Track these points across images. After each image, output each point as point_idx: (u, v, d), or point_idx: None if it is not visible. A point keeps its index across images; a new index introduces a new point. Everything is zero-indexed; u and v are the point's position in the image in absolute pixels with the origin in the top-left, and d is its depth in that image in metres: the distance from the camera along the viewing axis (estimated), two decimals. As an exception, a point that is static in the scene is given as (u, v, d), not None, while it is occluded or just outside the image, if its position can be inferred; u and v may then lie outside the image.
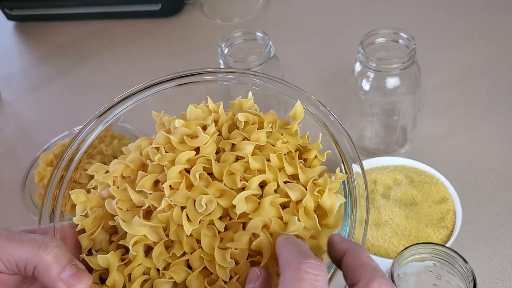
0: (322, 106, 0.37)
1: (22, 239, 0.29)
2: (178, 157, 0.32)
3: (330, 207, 0.32)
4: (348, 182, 0.33)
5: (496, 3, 0.84)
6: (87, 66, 0.88)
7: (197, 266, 0.31)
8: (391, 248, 0.50)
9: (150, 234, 0.31)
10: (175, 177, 0.31)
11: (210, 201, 0.30)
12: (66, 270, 0.29)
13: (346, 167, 0.34)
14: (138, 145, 0.35)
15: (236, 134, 0.34)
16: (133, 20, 0.97)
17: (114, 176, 0.34)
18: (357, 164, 0.34)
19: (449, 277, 0.38)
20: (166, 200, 0.30)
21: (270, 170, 0.32)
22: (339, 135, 0.36)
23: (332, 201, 0.32)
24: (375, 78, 0.56)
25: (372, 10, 0.88)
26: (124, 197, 0.32)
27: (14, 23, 1.03)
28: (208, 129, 0.34)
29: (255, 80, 0.38)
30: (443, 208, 0.53)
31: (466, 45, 0.78)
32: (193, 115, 0.35)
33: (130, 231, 0.30)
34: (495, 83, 0.71)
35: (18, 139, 0.79)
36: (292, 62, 0.80)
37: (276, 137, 0.34)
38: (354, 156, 0.34)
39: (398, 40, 0.55)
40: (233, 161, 0.33)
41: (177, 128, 0.34)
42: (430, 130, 0.66)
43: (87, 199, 0.34)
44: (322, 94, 0.74)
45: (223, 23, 0.93)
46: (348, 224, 0.32)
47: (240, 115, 0.34)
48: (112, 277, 0.31)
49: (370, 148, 0.64)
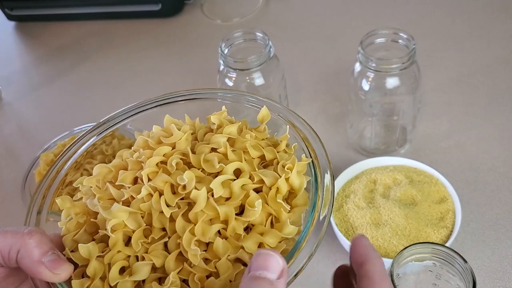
0: (305, 123, 0.39)
1: (6, 229, 0.30)
2: (155, 151, 0.34)
3: (298, 186, 0.34)
4: (314, 163, 0.36)
5: (496, 3, 0.84)
6: (87, 66, 0.89)
7: (174, 249, 0.32)
8: (390, 248, 0.50)
9: (129, 221, 0.32)
10: (153, 166, 0.33)
11: (191, 177, 0.31)
12: (48, 255, 0.29)
13: (309, 147, 0.37)
14: (120, 154, 0.37)
15: (209, 135, 0.36)
16: (133, 20, 0.97)
17: (96, 178, 0.35)
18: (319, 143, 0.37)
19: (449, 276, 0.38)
20: (146, 187, 0.32)
21: (247, 162, 0.34)
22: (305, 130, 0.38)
23: (301, 180, 0.34)
24: (375, 78, 0.56)
25: (372, 10, 0.88)
26: (105, 195, 0.34)
27: (14, 23, 1.03)
28: (183, 128, 0.36)
29: (251, 99, 0.41)
30: (443, 208, 0.53)
31: (466, 45, 0.78)
32: (169, 122, 0.38)
33: (109, 216, 0.31)
34: (495, 83, 0.71)
35: (18, 139, 0.79)
36: (292, 62, 0.80)
37: (246, 133, 0.36)
38: (314, 137, 0.37)
39: (398, 40, 0.55)
40: (208, 153, 0.34)
41: (154, 132, 0.36)
42: (430, 130, 0.66)
43: (72, 205, 0.35)
44: (322, 94, 0.74)
45: (223, 23, 0.93)
46: (316, 196, 0.33)
47: (213, 117, 0.36)
48: (92, 265, 0.31)
49: (370, 148, 0.64)
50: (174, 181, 0.32)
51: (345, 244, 0.51)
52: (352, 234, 0.52)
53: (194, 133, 0.37)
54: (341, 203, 0.55)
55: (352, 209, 0.53)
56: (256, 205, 0.31)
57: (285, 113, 0.39)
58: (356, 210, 0.53)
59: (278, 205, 0.32)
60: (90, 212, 0.34)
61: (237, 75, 0.60)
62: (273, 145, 0.37)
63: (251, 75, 0.60)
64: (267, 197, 0.33)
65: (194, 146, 0.36)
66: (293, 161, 0.34)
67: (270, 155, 0.35)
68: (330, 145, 0.66)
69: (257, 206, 0.31)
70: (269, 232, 0.32)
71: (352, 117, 0.63)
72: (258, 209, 0.31)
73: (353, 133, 0.65)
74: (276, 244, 0.32)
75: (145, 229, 0.32)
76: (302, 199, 0.34)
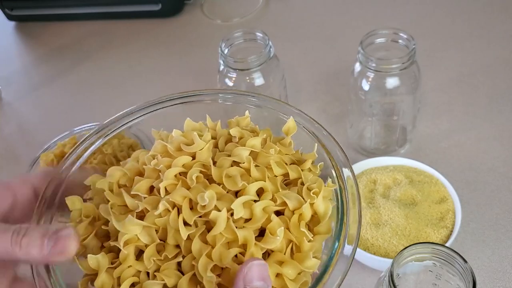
0: (316, 123, 0.37)
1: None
2: (174, 161, 0.32)
3: (323, 213, 0.32)
4: (340, 189, 0.33)
5: (496, 3, 0.84)
6: (87, 66, 0.89)
7: (189, 270, 0.30)
8: (390, 248, 0.50)
9: (143, 235, 0.30)
10: (171, 179, 0.31)
11: (212, 196, 0.30)
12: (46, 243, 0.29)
13: (337, 172, 0.34)
14: (135, 156, 0.35)
15: (231, 146, 0.34)
16: (133, 20, 0.97)
17: (110, 182, 0.33)
18: (348, 168, 0.34)
19: (449, 276, 0.38)
20: (163, 203, 0.30)
21: (270, 180, 0.32)
22: (332, 146, 0.36)
23: (326, 206, 0.32)
24: (375, 78, 0.56)
25: (372, 10, 0.88)
26: (119, 201, 0.32)
27: (14, 23, 1.03)
28: (204, 136, 0.34)
29: (253, 100, 0.39)
30: (443, 208, 0.53)
31: (466, 45, 0.78)
32: (190, 127, 0.36)
33: (122, 229, 0.30)
34: (495, 83, 0.71)
35: (18, 139, 0.79)
36: (292, 62, 0.80)
37: (269, 146, 0.34)
38: (344, 162, 0.34)
39: (398, 40, 0.55)
40: (229, 167, 0.32)
41: (174, 137, 0.34)
42: (430, 130, 0.66)
43: (83, 207, 0.33)
44: (322, 94, 0.74)
45: (223, 23, 0.93)
46: (342, 226, 0.31)
47: (232, 130, 0.34)
48: (100, 278, 0.30)
49: (370, 148, 0.64)
50: (194, 197, 0.30)
51: (345, 244, 0.51)
52: (352, 234, 0.52)
53: (214, 138, 0.35)
54: (341, 203, 0.55)
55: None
56: (278, 233, 0.29)
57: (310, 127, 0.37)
58: (356, 210, 0.53)
59: (300, 233, 0.30)
60: (101, 217, 0.33)
61: (237, 75, 0.60)
62: (297, 162, 0.35)
63: (251, 75, 0.60)
64: (289, 222, 0.31)
65: (214, 155, 0.34)
66: (319, 185, 0.32)
67: (294, 174, 0.33)
68: (330, 145, 0.66)
69: (279, 234, 0.29)
70: (288, 263, 0.29)
71: (352, 117, 0.63)
72: (280, 237, 0.29)
73: (353, 133, 0.65)
74: (295, 276, 0.30)
75: (158, 244, 0.31)
76: (326, 227, 0.31)
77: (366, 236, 0.51)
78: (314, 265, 0.30)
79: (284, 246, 0.30)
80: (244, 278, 0.27)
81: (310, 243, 0.30)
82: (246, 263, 0.28)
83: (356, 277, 0.53)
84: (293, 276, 0.30)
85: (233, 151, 0.33)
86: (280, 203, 0.31)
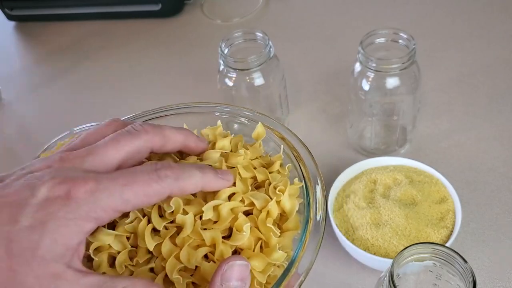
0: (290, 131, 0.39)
1: None
2: None
3: (290, 209, 0.33)
4: (307, 186, 0.35)
5: (496, 3, 0.84)
6: (87, 66, 0.89)
7: (160, 271, 0.31)
8: (391, 248, 0.50)
9: (115, 243, 0.31)
10: None
11: (178, 203, 0.31)
12: None
13: (304, 170, 0.36)
14: None
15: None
16: (133, 20, 0.97)
17: None
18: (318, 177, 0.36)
19: (449, 276, 0.38)
20: (134, 212, 0.31)
21: (242, 182, 0.33)
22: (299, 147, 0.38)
23: (292, 203, 0.33)
24: (375, 78, 0.56)
25: (372, 10, 0.88)
26: None
27: (14, 23, 1.03)
28: None
29: (247, 113, 0.40)
30: (443, 208, 0.53)
31: (466, 45, 0.78)
32: None
33: (93, 240, 0.30)
34: (495, 83, 0.71)
35: (18, 139, 0.79)
36: (292, 62, 0.80)
37: (239, 148, 0.35)
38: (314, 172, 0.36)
39: (398, 40, 0.55)
40: None
41: None
42: (430, 130, 0.66)
43: None
44: (322, 94, 0.74)
45: (223, 23, 0.93)
46: (308, 221, 0.33)
47: (206, 130, 0.36)
48: None
49: (370, 148, 0.64)
50: (162, 204, 0.31)
51: (346, 244, 0.51)
52: (352, 234, 0.52)
53: None
54: (341, 203, 0.55)
55: (352, 209, 0.53)
56: (245, 229, 0.30)
57: (278, 129, 0.38)
58: (356, 210, 0.53)
59: (268, 229, 0.31)
60: None
61: (237, 75, 0.60)
62: (266, 165, 0.36)
63: (251, 75, 0.60)
64: (257, 220, 0.32)
65: (185, 159, 0.35)
66: (285, 183, 0.33)
67: (262, 176, 0.34)
68: (330, 145, 0.66)
69: (245, 230, 0.30)
70: (256, 256, 0.31)
71: (352, 117, 0.63)
72: (246, 233, 0.30)
73: (353, 133, 0.65)
74: (262, 268, 0.31)
75: (131, 250, 0.31)
76: (294, 222, 0.33)
77: (366, 236, 0.51)
78: (280, 257, 0.31)
79: (252, 244, 0.31)
80: (223, 275, 0.27)
81: (277, 239, 0.32)
82: (227, 260, 0.28)
83: (356, 277, 0.53)
84: (261, 268, 0.31)
85: (204, 154, 0.34)
86: (248, 203, 0.32)
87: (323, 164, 0.64)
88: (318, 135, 0.68)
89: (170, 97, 0.78)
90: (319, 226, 0.32)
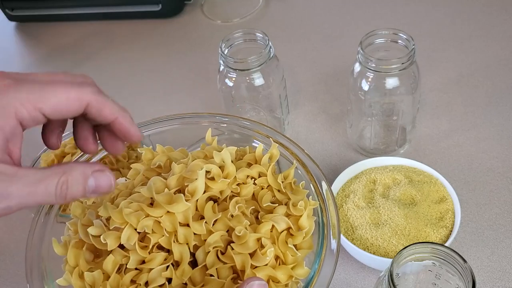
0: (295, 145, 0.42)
1: None
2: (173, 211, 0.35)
3: (308, 230, 0.35)
4: (321, 206, 0.37)
5: (495, 3, 0.84)
6: (87, 67, 0.89)
7: None
8: (390, 248, 0.50)
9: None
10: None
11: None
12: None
13: (314, 184, 0.39)
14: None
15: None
16: (133, 21, 0.97)
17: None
18: (324, 181, 0.39)
19: (448, 276, 0.38)
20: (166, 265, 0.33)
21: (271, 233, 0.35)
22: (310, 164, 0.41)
23: (310, 223, 0.35)
24: (374, 79, 0.56)
25: (372, 10, 0.89)
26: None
27: (15, 24, 1.03)
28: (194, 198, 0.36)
29: (245, 123, 0.43)
30: (442, 208, 0.53)
31: (466, 45, 0.78)
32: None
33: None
34: (495, 83, 0.71)
35: (18, 139, 0.79)
36: (292, 62, 0.80)
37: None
38: (320, 176, 0.39)
39: (397, 40, 0.56)
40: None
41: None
42: (429, 130, 0.66)
43: (83, 214, 0.36)
44: (322, 94, 0.74)
45: (223, 24, 0.93)
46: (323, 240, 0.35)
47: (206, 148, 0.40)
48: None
49: (370, 148, 0.64)
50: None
51: (345, 243, 0.51)
52: (351, 233, 0.52)
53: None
54: (341, 203, 0.55)
55: (352, 209, 0.54)
56: (268, 254, 0.33)
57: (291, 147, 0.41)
58: (356, 210, 0.53)
59: (286, 248, 0.34)
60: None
61: (237, 76, 0.60)
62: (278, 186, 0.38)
63: (251, 75, 0.60)
64: (277, 241, 0.34)
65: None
66: (305, 203, 0.35)
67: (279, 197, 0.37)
68: (330, 145, 0.67)
69: (268, 255, 0.33)
70: (281, 269, 0.33)
71: (351, 117, 0.63)
72: (269, 257, 0.33)
73: (353, 133, 0.65)
74: (286, 281, 0.33)
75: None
76: (308, 243, 0.35)
77: (365, 235, 0.51)
78: (304, 273, 0.33)
79: (274, 261, 0.34)
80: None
81: (293, 257, 0.34)
82: (248, 281, 0.29)
83: (355, 276, 0.53)
84: (285, 280, 0.33)
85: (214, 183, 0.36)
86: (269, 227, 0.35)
87: (323, 164, 0.64)
88: (317, 135, 0.68)
89: (170, 97, 0.78)
90: (333, 253, 0.34)
